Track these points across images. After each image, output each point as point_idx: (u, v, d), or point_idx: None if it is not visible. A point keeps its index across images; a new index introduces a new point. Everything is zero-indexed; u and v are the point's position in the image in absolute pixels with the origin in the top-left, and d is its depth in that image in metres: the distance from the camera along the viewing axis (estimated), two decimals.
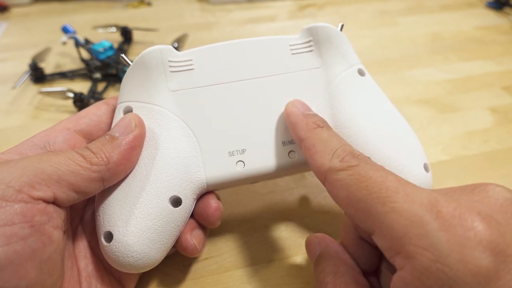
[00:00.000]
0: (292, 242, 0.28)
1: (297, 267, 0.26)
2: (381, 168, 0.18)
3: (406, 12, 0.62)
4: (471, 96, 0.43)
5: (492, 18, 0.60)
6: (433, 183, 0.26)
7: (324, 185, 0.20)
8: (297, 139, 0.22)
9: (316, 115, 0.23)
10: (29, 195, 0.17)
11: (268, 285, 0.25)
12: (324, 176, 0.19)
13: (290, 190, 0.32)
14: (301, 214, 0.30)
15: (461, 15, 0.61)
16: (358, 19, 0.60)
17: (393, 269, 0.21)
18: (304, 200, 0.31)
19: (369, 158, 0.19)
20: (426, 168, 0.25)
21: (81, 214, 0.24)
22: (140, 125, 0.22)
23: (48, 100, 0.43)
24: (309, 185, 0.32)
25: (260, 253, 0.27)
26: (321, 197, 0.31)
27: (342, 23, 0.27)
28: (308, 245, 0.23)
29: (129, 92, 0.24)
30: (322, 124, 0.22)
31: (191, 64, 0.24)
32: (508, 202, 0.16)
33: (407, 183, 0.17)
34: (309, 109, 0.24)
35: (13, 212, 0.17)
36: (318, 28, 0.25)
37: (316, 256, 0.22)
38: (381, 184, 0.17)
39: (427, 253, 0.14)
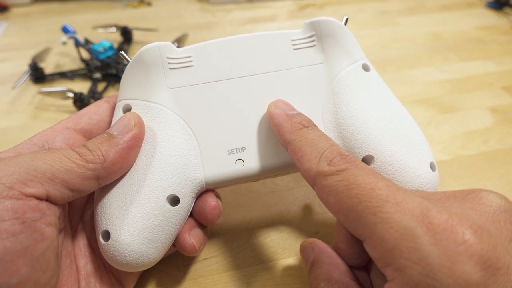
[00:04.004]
0: (292, 242, 0.28)
1: (296, 267, 0.26)
2: (371, 172, 0.17)
3: (406, 12, 0.62)
4: (471, 96, 0.43)
5: (492, 18, 0.60)
6: None
7: (314, 189, 0.19)
8: (283, 142, 0.21)
9: (300, 114, 0.22)
10: (20, 192, 0.17)
11: (268, 285, 0.25)
12: (313, 181, 0.19)
13: (290, 190, 0.32)
14: (301, 214, 0.30)
15: (461, 15, 0.61)
16: (358, 19, 0.60)
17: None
18: (304, 200, 0.31)
19: (358, 160, 0.19)
20: (432, 167, 0.24)
21: (81, 212, 0.24)
22: (140, 124, 0.22)
23: (48, 100, 0.43)
24: (309, 185, 0.32)
25: (260, 253, 0.27)
26: None
27: (346, 17, 0.26)
28: (302, 251, 0.23)
29: (128, 90, 0.24)
30: (307, 124, 0.21)
31: (190, 61, 0.24)
32: (501, 210, 0.16)
33: (398, 189, 0.16)
34: (293, 108, 0.23)
35: (4, 208, 0.17)
36: (321, 22, 0.25)
37: (310, 262, 0.22)
38: (371, 192, 0.16)
39: (418, 267, 0.14)
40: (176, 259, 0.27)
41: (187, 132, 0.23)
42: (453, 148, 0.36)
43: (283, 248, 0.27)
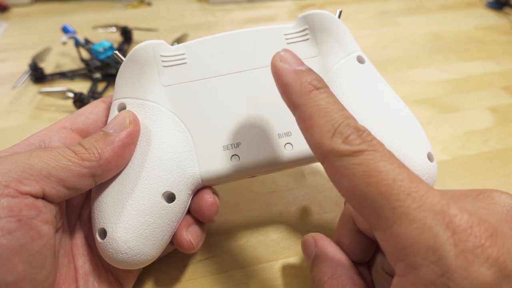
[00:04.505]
0: (292, 242, 0.28)
1: (296, 267, 0.26)
2: (391, 159, 0.16)
3: (406, 12, 0.62)
4: (471, 96, 0.43)
5: (492, 18, 0.60)
6: (433, 184, 0.26)
7: (322, 165, 0.17)
8: (290, 105, 0.19)
9: (310, 71, 0.19)
10: (16, 189, 0.17)
11: (268, 285, 0.25)
12: (323, 157, 0.17)
13: (290, 190, 0.32)
14: (301, 214, 0.30)
15: (461, 15, 0.61)
16: (358, 19, 0.60)
17: (387, 267, 0.20)
18: (304, 200, 0.31)
19: (375, 138, 0.17)
20: (430, 157, 0.24)
21: (79, 212, 0.24)
22: (135, 122, 0.22)
23: (48, 100, 0.43)
24: (309, 185, 0.32)
25: (260, 253, 0.27)
26: (321, 197, 0.31)
27: (340, 10, 0.26)
28: (304, 246, 0.23)
29: (122, 89, 0.24)
30: (319, 84, 0.18)
31: (184, 58, 0.24)
32: None
33: (420, 182, 0.15)
34: (301, 63, 0.20)
35: None
36: (314, 15, 0.25)
37: (312, 257, 0.22)
38: (392, 183, 0.15)
39: (434, 267, 0.14)
40: (176, 259, 0.27)
41: (182, 129, 0.23)
42: (453, 148, 0.36)
43: (283, 248, 0.27)
